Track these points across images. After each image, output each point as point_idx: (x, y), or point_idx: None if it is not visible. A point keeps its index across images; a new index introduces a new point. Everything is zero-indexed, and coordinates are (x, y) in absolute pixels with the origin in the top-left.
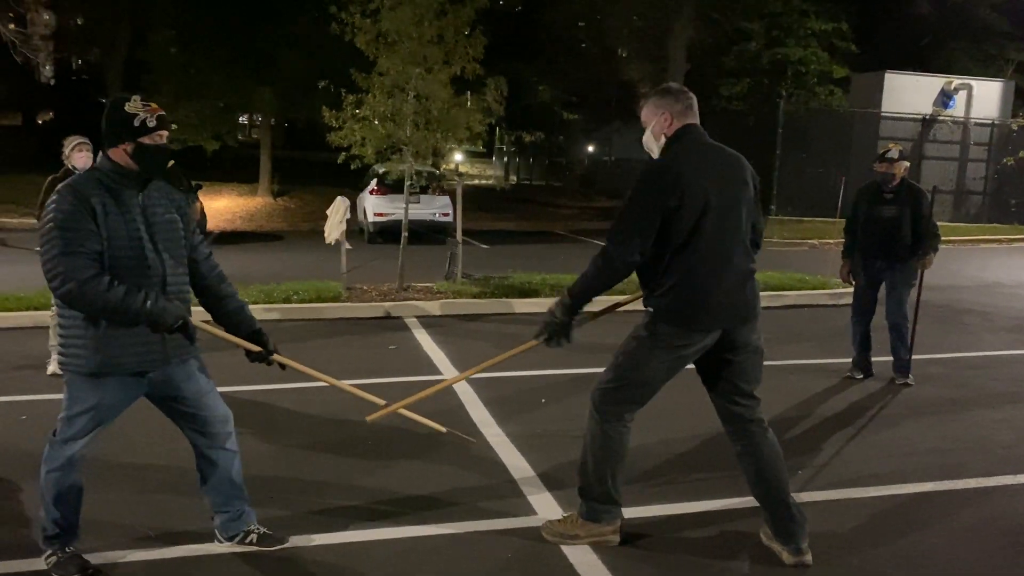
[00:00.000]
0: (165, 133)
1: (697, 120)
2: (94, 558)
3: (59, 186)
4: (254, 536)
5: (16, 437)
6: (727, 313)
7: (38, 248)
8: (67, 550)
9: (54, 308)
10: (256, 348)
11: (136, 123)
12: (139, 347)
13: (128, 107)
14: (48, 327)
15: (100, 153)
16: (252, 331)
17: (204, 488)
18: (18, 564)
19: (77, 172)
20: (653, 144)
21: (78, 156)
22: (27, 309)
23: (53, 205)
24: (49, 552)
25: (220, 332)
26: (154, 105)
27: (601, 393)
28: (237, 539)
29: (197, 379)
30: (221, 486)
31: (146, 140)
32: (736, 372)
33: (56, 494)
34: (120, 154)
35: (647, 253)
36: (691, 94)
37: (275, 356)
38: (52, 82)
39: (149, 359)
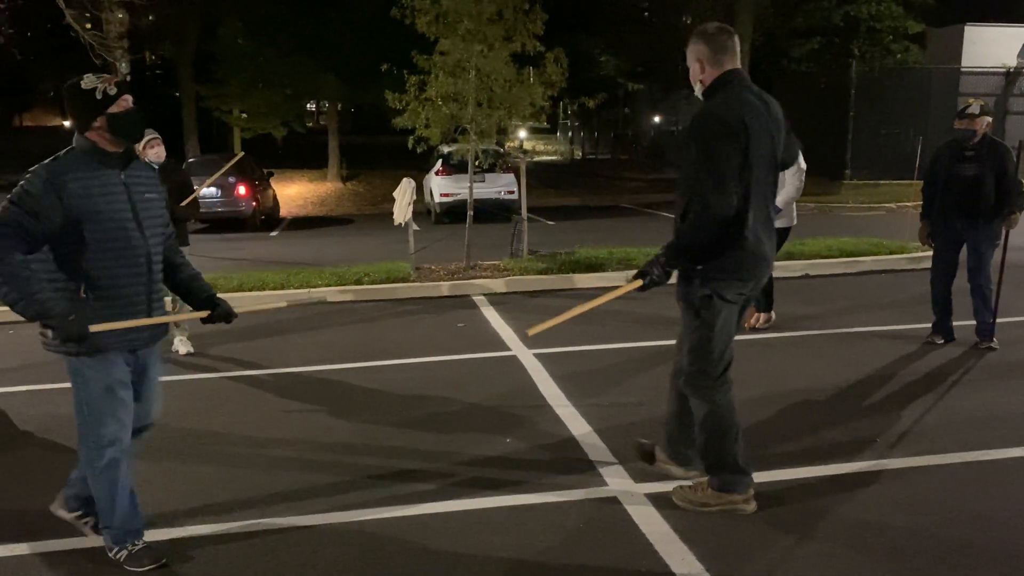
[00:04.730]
0: (130, 97)
1: (737, 62)
2: (157, 534)
3: (38, 164)
4: (91, 519)
5: None
6: (770, 263)
7: None
8: (136, 542)
9: None
10: (203, 313)
11: (98, 96)
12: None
13: (85, 84)
14: None
15: (76, 135)
16: (207, 295)
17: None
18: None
19: (153, 166)
20: (695, 88)
21: (151, 151)
22: None
23: (26, 177)
24: (118, 548)
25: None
26: (108, 75)
27: (695, 376)
28: (74, 515)
29: (157, 368)
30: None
31: (115, 109)
32: (740, 315)
33: (109, 490)
34: (96, 134)
35: (741, 198)
36: (728, 36)
37: (238, 310)
38: (128, 79)
39: (136, 339)
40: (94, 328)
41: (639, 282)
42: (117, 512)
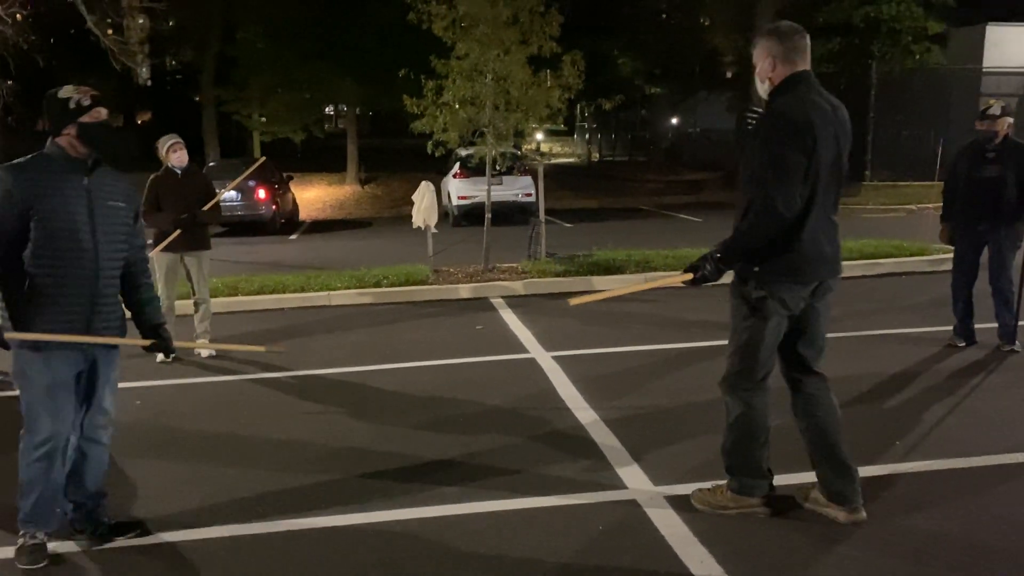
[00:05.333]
0: (103, 110)
1: (808, 64)
2: (179, 534)
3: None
4: (105, 528)
5: (132, 420)
6: (833, 264)
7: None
8: (35, 537)
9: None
10: (145, 342)
11: (72, 105)
12: (67, 322)
13: (61, 94)
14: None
15: (48, 140)
16: (153, 324)
17: (69, 482)
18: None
19: (176, 170)
20: (759, 85)
21: (174, 155)
22: None
23: None
24: (20, 533)
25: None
26: (85, 88)
27: (737, 377)
28: (88, 532)
29: (111, 369)
30: (86, 480)
31: (86, 119)
32: (817, 321)
33: (33, 482)
34: (66, 140)
35: (804, 200)
36: (801, 36)
37: (197, 343)
38: (149, 83)
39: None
40: (9, 336)
41: (690, 275)
42: (32, 503)
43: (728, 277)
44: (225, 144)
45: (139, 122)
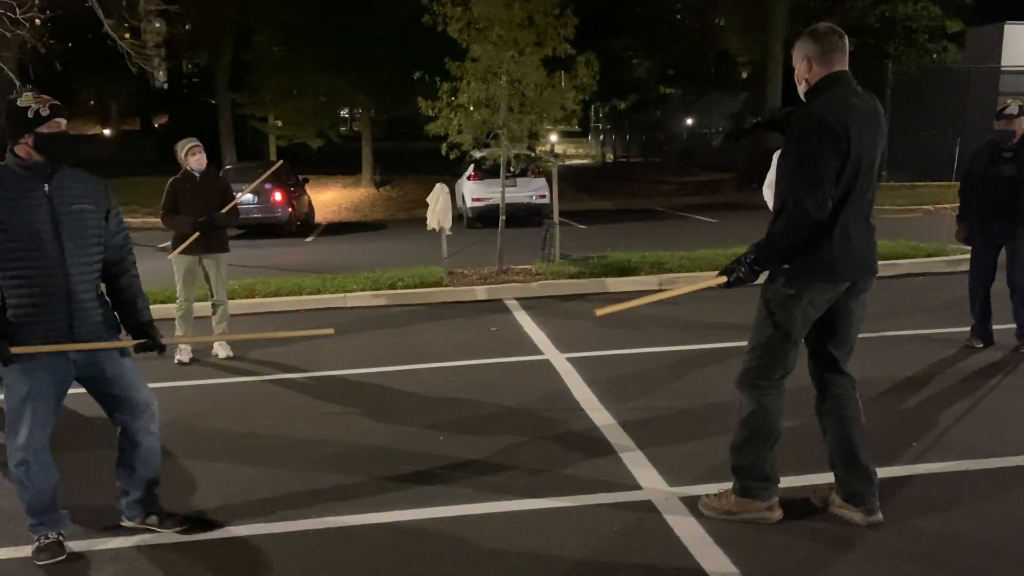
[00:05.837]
0: (62, 120)
1: (846, 64)
2: (198, 533)
3: None
4: (155, 518)
5: None
6: (866, 264)
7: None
8: (49, 536)
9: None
10: (134, 343)
11: (30, 115)
12: (46, 332)
13: (20, 102)
14: (174, 319)
15: (7, 150)
16: (140, 323)
17: (120, 470)
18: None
19: (194, 173)
20: (798, 87)
21: (192, 158)
22: (152, 303)
23: None
24: (33, 536)
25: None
26: (46, 96)
27: (755, 371)
28: (137, 520)
29: (120, 363)
30: (137, 469)
31: (43, 129)
32: (850, 321)
33: (22, 484)
34: (23, 148)
35: (836, 200)
36: (839, 36)
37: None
38: (165, 87)
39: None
40: (17, 350)
41: (723, 278)
42: (27, 506)
43: (762, 277)
44: (241, 147)
45: (156, 125)
